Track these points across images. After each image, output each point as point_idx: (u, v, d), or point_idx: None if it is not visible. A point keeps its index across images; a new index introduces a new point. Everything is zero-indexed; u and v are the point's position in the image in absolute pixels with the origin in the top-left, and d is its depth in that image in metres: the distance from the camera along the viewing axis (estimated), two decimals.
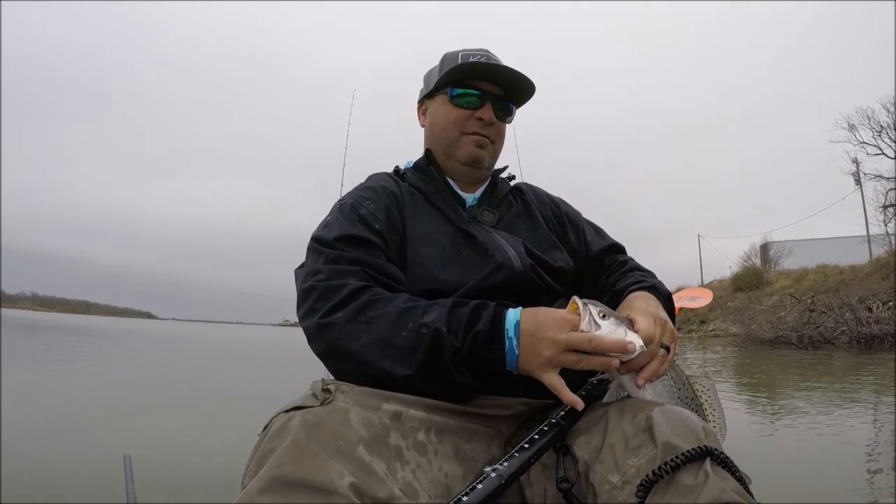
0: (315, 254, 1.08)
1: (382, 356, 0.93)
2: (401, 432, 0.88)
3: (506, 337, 0.92)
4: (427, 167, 1.30)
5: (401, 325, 0.94)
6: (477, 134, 1.25)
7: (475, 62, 1.24)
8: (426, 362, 0.92)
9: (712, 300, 1.68)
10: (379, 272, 1.05)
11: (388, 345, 0.93)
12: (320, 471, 0.75)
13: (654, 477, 0.78)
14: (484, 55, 1.26)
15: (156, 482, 2.58)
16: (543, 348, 0.90)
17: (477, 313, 0.95)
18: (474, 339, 0.92)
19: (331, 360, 0.99)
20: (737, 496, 0.75)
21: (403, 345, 0.93)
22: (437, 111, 1.28)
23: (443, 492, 0.88)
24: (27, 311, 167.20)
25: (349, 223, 1.12)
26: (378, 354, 0.93)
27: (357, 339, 0.95)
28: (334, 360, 0.99)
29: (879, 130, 23.32)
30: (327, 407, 0.86)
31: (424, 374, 0.92)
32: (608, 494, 0.82)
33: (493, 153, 1.30)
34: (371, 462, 0.80)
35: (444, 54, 1.32)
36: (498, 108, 1.26)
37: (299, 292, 1.05)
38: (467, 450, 0.95)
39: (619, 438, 0.87)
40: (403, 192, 1.24)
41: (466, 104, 1.24)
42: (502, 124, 1.30)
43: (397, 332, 0.94)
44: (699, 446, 0.80)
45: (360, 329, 0.95)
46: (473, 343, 0.92)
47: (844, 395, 6.20)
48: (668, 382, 1.04)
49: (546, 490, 0.91)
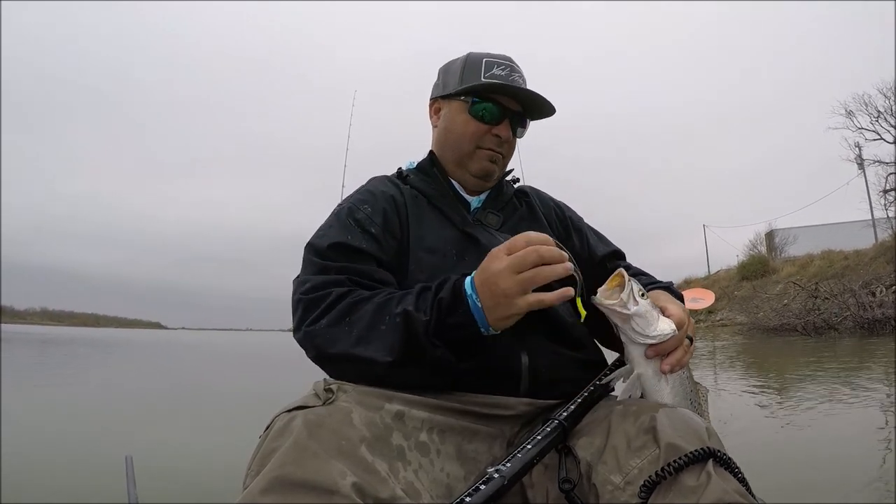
0: (307, 264, 1.11)
1: (365, 350, 0.94)
2: (403, 432, 0.89)
3: (467, 297, 0.91)
4: (430, 169, 1.29)
5: (379, 319, 0.95)
6: (492, 150, 1.24)
7: (504, 85, 1.21)
8: (403, 345, 0.92)
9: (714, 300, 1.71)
10: (365, 278, 1.06)
11: (369, 340, 0.94)
12: (322, 471, 0.75)
13: (656, 478, 0.78)
14: (508, 66, 1.24)
15: (157, 483, 2.60)
16: (498, 282, 0.88)
17: (440, 286, 0.96)
18: (440, 308, 0.92)
19: (321, 363, 1.01)
20: (739, 497, 0.76)
21: (383, 337, 0.94)
22: (454, 118, 1.26)
23: (444, 492, 0.88)
24: (37, 325, 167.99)
25: (344, 230, 1.12)
26: (361, 349, 0.94)
27: (340, 340, 0.96)
28: (324, 363, 1.01)
29: (877, 115, 23.23)
30: (329, 407, 0.86)
31: (406, 358, 0.92)
32: (610, 495, 0.82)
33: (503, 166, 1.30)
34: (373, 462, 0.80)
35: (467, 55, 1.28)
36: (514, 124, 1.25)
37: (291, 305, 1.07)
38: (469, 450, 0.95)
39: (621, 439, 0.87)
40: (406, 195, 1.24)
41: (487, 119, 1.22)
42: (515, 139, 1.29)
43: (377, 326, 0.95)
44: (702, 448, 0.80)
45: (343, 332, 0.96)
46: (440, 312, 0.92)
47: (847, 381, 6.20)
48: (685, 379, 1.04)
49: (548, 491, 0.92)
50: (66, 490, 2.60)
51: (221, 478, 2.71)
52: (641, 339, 0.97)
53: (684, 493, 0.76)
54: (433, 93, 1.33)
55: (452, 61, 1.30)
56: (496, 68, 1.23)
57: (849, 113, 24.05)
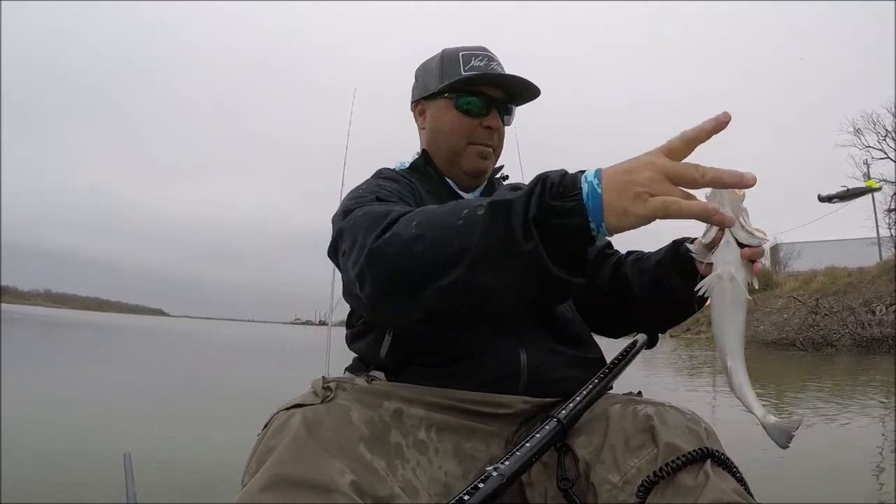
0: (348, 211, 0.99)
1: (440, 252, 0.77)
2: (401, 430, 0.89)
3: (584, 181, 0.72)
4: (425, 167, 1.28)
5: (455, 213, 0.80)
6: (483, 145, 1.22)
7: (485, 74, 1.20)
8: (483, 241, 0.74)
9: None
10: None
11: (444, 243, 0.78)
12: (321, 469, 0.75)
13: (654, 478, 0.78)
14: (485, 56, 1.23)
15: (156, 481, 2.58)
16: (639, 173, 0.70)
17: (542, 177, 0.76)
18: (543, 187, 0.74)
19: (394, 280, 0.83)
20: (737, 497, 0.75)
21: (460, 223, 0.77)
22: (440, 116, 1.24)
23: (442, 490, 0.88)
24: (40, 307, 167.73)
25: (378, 188, 1.09)
26: (435, 253, 0.78)
27: (412, 249, 0.80)
28: (398, 278, 0.82)
29: (885, 135, 23.23)
30: (328, 405, 0.86)
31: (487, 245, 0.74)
32: (608, 494, 0.82)
33: (495, 160, 1.29)
34: (372, 460, 0.80)
35: (442, 52, 1.27)
36: (501, 112, 1.24)
37: (337, 233, 0.97)
38: (467, 448, 0.95)
39: (619, 438, 0.87)
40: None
41: (474, 111, 1.21)
42: (504, 127, 1.27)
43: (453, 218, 0.79)
44: (700, 447, 0.80)
45: (414, 235, 0.80)
46: (543, 190, 0.73)
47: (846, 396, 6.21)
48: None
49: (547, 489, 0.91)
50: (64, 487, 2.60)
51: (220, 475, 2.68)
52: (746, 237, 0.83)
53: (682, 493, 0.76)
54: (414, 96, 1.32)
55: (428, 60, 1.29)
56: (474, 59, 1.22)
57: (857, 131, 24.09)
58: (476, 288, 0.76)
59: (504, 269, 0.75)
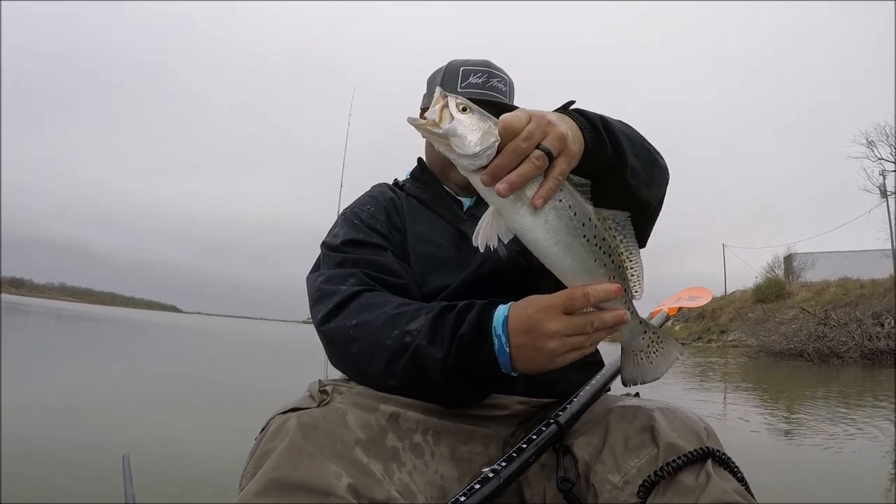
0: (324, 259, 1.14)
1: (371, 364, 0.94)
2: (398, 434, 0.89)
3: (493, 336, 0.85)
4: (422, 175, 1.32)
5: (385, 332, 0.93)
6: None
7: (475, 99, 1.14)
8: (409, 377, 0.91)
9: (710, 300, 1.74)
10: (380, 271, 1.07)
11: (373, 355, 0.93)
12: (318, 472, 0.75)
13: (655, 478, 0.78)
14: (485, 73, 1.24)
15: (154, 482, 2.58)
16: (546, 342, 0.80)
17: (461, 317, 0.90)
18: (460, 345, 0.87)
19: (342, 364, 1.02)
20: (738, 497, 0.75)
21: (387, 353, 0.92)
22: None
23: (439, 493, 0.88)
24: (54, 300, 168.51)
25: (352, 228, 1.16)
26: (367, 363, 0.94)
27: (349, 347, 0.97)
28: (338, 366, 1.02)
29: None
30: (325, 408, 0.86)
31: (411, 388, 0.92)
32: (609, 494, 0.82)
33: None
34: (368, 463, 0.80)
35: (448, 64, 1.29)
36: None
37: (308, 298, 1.09)
38: (464, 451, 0.95)
39: (619, 439, 0.87)
40: (401, 199, 1.26)
41: None
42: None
43: (382, 339, 0.93)
44: (701, 447, 0.80)
45: (350, 338, 0.96)
46: (459, 349, 0.87)
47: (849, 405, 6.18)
48: (564, 210, 0.78)
49: (545, 490, 0.91)
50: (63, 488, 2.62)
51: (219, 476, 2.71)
52: (464, 161, 0.76)
53: (683, 493, 0.76)
54: (422, 102, 1.35)
55: (437, 71, 1.32)
56: (472, 76, 1.23)
57: (870, 143, 23.82)
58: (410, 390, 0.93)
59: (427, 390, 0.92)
